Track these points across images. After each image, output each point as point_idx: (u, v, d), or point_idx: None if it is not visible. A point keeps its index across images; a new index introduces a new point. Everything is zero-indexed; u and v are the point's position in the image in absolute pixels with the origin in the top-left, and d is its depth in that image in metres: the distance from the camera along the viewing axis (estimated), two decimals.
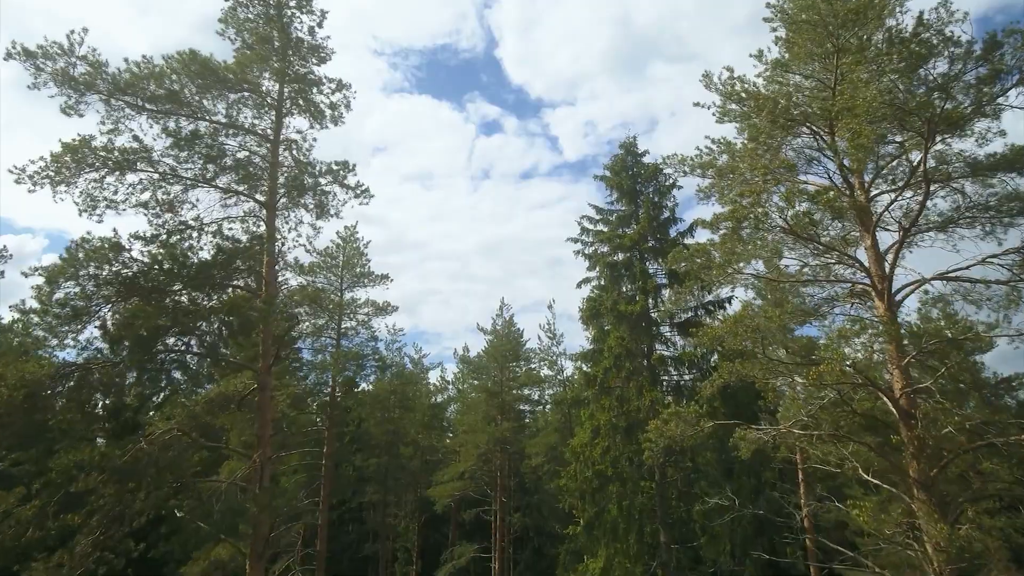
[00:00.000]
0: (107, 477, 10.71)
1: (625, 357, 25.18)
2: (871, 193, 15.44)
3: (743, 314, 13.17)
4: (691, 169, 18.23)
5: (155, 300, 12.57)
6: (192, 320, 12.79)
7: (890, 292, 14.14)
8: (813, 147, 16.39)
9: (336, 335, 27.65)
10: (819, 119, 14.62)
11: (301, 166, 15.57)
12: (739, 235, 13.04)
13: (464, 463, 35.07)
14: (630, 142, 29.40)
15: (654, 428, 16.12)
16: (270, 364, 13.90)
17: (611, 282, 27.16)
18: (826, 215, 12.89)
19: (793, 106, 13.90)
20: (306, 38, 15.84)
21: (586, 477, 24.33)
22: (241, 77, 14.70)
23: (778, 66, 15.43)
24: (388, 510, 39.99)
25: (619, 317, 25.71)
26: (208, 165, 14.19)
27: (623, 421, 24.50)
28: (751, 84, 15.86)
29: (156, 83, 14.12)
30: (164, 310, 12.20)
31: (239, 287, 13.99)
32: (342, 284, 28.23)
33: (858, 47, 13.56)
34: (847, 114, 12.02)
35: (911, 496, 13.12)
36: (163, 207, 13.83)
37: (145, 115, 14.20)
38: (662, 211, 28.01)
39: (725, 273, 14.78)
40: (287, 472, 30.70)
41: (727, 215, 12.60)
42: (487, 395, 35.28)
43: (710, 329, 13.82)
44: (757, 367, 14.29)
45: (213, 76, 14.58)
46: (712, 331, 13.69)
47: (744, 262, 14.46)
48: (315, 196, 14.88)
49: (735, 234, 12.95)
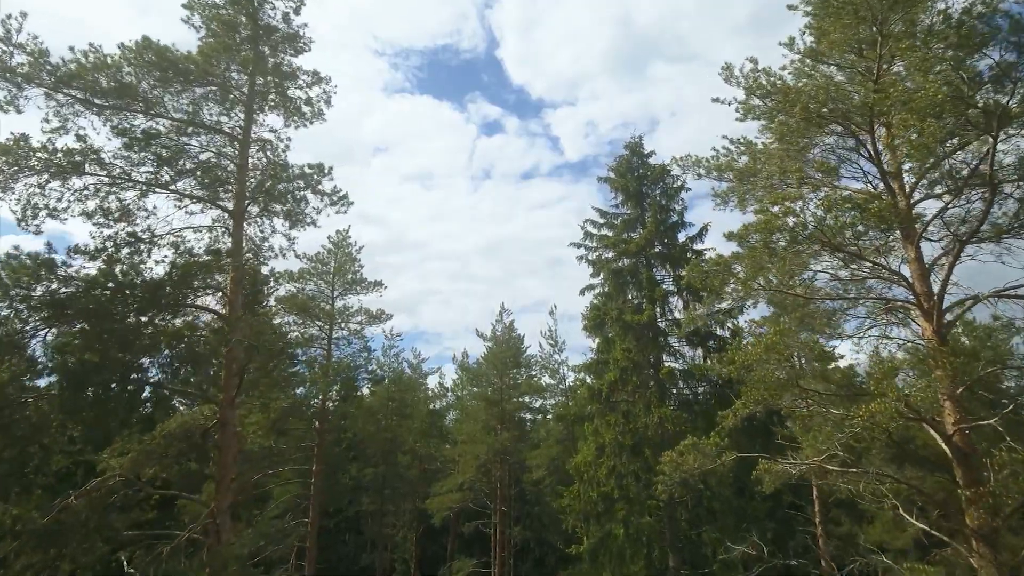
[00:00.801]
0: (22, 544, 8.80)
1: (632, 370, 23.20)
2: (913, 198, 13.46)
3: (774, 340, 11.19)
4: (707, 171, 16.27)
5: (101, 325, 10.63)
6: (140, 350, 10.85)
7: (940, 312, 12.15)
8: (845, 147, 14.44)
9: (327, 345, 25.70)
10: (859, 115, 12.64)
11: (275, 168, 13.59)
12: (770, 248, 11.06)
13: (463, 474, 33.15)
14: (635, 142, 27.39)
15: (668, 461, 14.18)
16: (233, 396, 11.96)
17: (616, 289, 25.16)
18: (871, 226, 10.90)
19: (830, 100, 11.90)
20: (280, 25, 13.85)
21: (590, 498, 22.40)
22: (205, 69, 12.72)
23: (810, 56, 13.43)
24: (386, 519, 38.11)
25: (625, 327, 23.72)
26: (164, 168, 12.22)
27: (629, 439, 22.55)
28: (778, 77, 13.91)
29: (107, 76, 12.16)
30: (104, 337, 10.26)
31: (201, 308, 12.05)
32: (333, 292, 26.27)
33: (906, 32, 11.59)
34: (903, 108, 10.03)
35: (969, 548, 11.19)
36: (115, 216, 11.87)
37: (94, 111, 12.24)
38: (670, 214, 26.00)
39: (750, 289, 12.81)
40: (279, 483, 28.90)
41: (759, 226, 10.62)
42: (486, 404, 33.34)
43: (737, 355, 11.84)
44: (789, 397, 12.36)
45: (172, 68, 12.60)
46: (739, 357, 11.71)
47: (773, 277, 12.51)
48: (286, 203, 12.90)
49: (766, 247, 10.97)
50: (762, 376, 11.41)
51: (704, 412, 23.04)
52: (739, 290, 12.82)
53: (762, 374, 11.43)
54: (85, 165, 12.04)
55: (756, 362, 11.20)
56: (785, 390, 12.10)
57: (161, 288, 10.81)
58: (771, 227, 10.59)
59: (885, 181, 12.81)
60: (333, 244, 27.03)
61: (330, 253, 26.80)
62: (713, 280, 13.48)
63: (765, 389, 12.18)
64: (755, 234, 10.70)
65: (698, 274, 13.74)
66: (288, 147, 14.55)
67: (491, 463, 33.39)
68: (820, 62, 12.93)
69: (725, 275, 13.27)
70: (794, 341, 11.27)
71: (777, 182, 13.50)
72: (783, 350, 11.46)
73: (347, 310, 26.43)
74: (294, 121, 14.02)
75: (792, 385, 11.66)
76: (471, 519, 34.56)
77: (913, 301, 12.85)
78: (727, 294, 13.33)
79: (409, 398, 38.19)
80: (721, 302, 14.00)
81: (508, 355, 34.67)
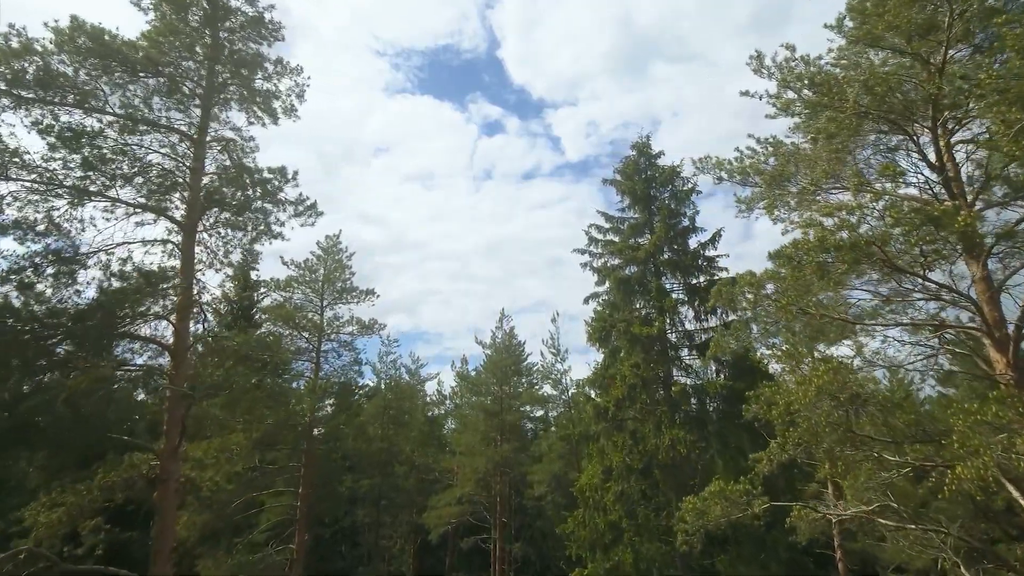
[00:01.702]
0: None
1: (640, 388, 21.08)
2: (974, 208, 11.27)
3: (826, 379, 9.03)
4: (729, 175, 14.10)
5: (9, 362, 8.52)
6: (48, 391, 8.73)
7: (1017, 344, 10.00)
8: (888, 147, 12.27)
9: (315, 358, 23.56)
10: (921, 109, 10.47)
11: (230, 173, 11.42)
12: (823, 267, 8.90)
13: (461, 487, 31.07)
14: (643, 142, 25.15)
15: (691, 509, 12.04)
16: (175, 446, 9.83)
17: (623, 299, 22.98)
18: (947, 242, 8.74)
19: (889, 92, 9.74)
20: (242, 6, 11.70)
21: (596, 524, 20.30)
22: (153, 57, 10.56)
23: (863, 39, 11.19)
24: (382, 531, 36.07)
25: (633, 340, 21.57)
26: (100, 172, 10.05)
27: (638, 461, 20.43)
28: (818, 67, 11.73)
29: (32, 63, 10.03)
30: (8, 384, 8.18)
31: (141, 338, 9.92)
32: (323, 301, 24.10)
33: (984, 11, 9.41)
34: (998, 99, 7.86)
35: None
36: (38, 229, 9.73)
37: (18, 105, 10.10)
38: (680, 219, 23.79)
39: (790, 314, 10.65)
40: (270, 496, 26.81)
41: (813, 243, 8.46)
42: (486, 415, 31.22)
43: (777, 394, 9.70)
44: (835, 439, 10.20)
45: (114, 56, 10.44)
46: (781, 398, 9.56)
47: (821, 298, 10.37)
48: (240, 213, 10.77)
49: (818, 267, 8.81)
50: (811, 425, 9.25)
51: (718, 433, 20.98)
52: (775, 315, 10.67)
53: (812, 423, 9.27)
54: (6, 168, 9.90)
55: (803, 407, 9.06)
56: (834, 435, 9.96)
57: (83, 319, 8.69)
58: (826, 244, 8.43)
59: (948, 188, 10.63)
60: (323, 250, 24.85)
61: (319, 260, 24.62)
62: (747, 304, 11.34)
63: (811, 434, 10.05)
64: (807, 253, 8.54)
65: (725, 296, 11.60)
66: (256, 148, 12.43)
67: (491, 476, 31.31)
68: (873, 47, 10.72)
69: (758, 297, 11.13)
70: (852, 380, 9.14)
71: (818, 187, 11.34)
72: (838, 391, 9.31)
73: (337, 320, 24.26)
74: (259, 118, 11.88)
75: (844, 432, 9.53)
76: (470, 534, 32.47)
77: (980, 327, 10.71)
78: (760, 319, 11.19)
79: (407, 405, 36.11)
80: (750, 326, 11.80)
81: (508, 363, 32.54)
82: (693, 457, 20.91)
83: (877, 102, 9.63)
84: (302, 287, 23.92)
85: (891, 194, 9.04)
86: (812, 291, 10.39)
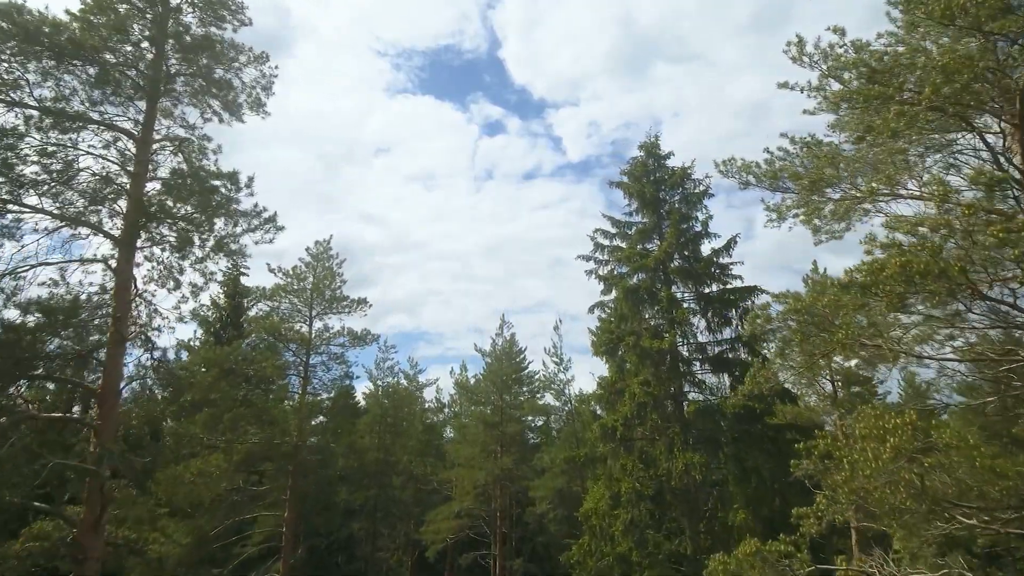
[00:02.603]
0: None
1: (651, 406, 19.15)
2: None
3: (904, 437, 7.08)
4: (758, 179, 12.16)
5: None
6: None
7: None
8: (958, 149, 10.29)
9: (303, 372, 21.60)
10: (1001, 102, 8.50)
11: (193, 177, 9.44)
12: (902, 298, 6.94)
13: (460, 501, 29.15)
14: (651, 142, 23.12)
15: (720, 570, 10.12)
16: (97, 519, 7.90)
17: (631, 309, 20.97)
18: None
19: (975, 80, 7.78)
20: None
21: (604, 554, 18.39)
22: (78, 40, 8.59)
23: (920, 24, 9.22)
24: (379, 543, 34.17)
25: (642, 355, 19.61)
26: (10, 178, 8.09)
27: (649, 488, 18.52)
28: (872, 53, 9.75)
29: None
30: None
31: (57, 380, 8.00)
32: (311, 311, 22.12)
33: None
34: None
35: None
36: None
37: None
38: (692, 223, 21.79)
39: (843, 346, 8.70)
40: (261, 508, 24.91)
41: (895, 272, 6.48)
42: (485, 427, 29.29)
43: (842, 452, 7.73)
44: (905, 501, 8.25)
45: (34, 38, 8.47)
46: (842, 454, 7.60)
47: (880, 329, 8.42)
48: (180, 228, 8.82)
49: (897, 297, 6.85)
50: (879, 486, 7.30)
51: (735, 456, 19.07)
52: (829, 347, 8.72)
53: (874, 483, 7.33)
54: None
55: (876, 471, 7.11)
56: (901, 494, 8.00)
57: None
58: (911, 270, 6.46)
59: None
60: (312, 257, 22.88)
61: (308, 267, 22.65)
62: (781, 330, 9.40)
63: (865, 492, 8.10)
64: (890, 283, 6.57)
65: (761, 324, 9.64)
66: (218, 149, 10.36)
67: (491, 489, 29.42)
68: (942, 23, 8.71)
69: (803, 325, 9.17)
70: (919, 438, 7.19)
71: (875, 196, 9.38)
72: (904, 445, 7.36)
73: (327, 331, 22.31)
74: (217, 114, 9.92)
75: (918, 494, 7.58)
76: (469, 549, 30.56)
77: None
78: (805, 352, 9.23)
79: (404, 412, 34.19)
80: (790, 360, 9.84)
81: (509, 372, 30.62)
82: (708, 481, 19.06)
83: (959, 92, 7.65)
84: (290, 296, 21.96)
85: (985, 207, 7.07)
86: (870, 317, 8.48)
